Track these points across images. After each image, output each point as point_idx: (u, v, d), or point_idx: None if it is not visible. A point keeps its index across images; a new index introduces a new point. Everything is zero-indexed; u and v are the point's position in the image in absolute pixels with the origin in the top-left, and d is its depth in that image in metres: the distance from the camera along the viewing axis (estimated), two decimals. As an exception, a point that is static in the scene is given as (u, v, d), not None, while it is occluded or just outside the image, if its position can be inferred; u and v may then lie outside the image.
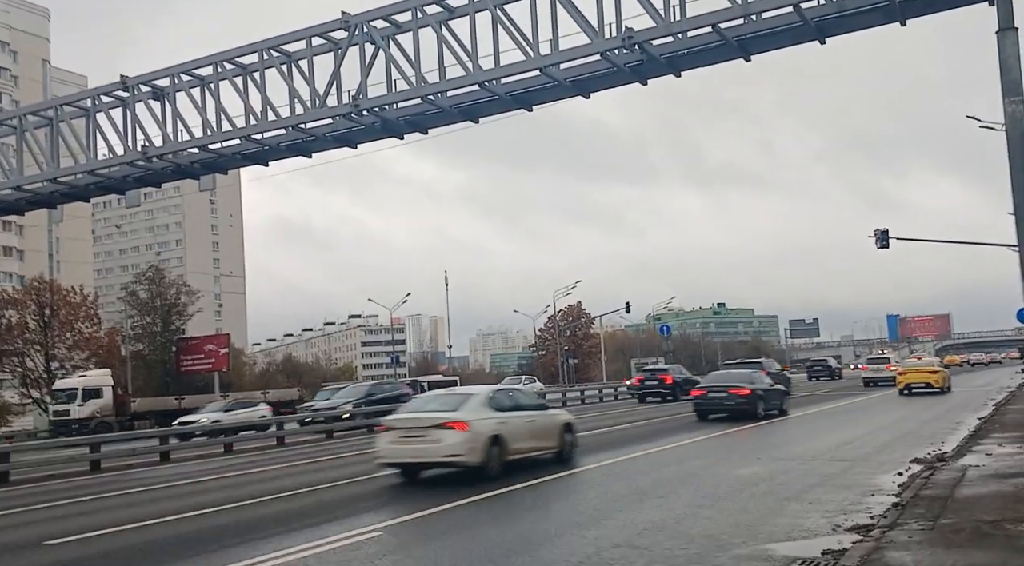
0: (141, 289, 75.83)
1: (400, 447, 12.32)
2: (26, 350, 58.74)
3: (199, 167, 21.10)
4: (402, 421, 12.80)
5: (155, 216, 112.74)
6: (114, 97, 20.17)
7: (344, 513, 10.40)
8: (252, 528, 9.81)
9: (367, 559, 7.67)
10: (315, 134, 19.55)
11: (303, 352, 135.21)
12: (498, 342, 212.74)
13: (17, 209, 24.01)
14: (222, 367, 63.00)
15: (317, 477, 14.68)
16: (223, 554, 8.19)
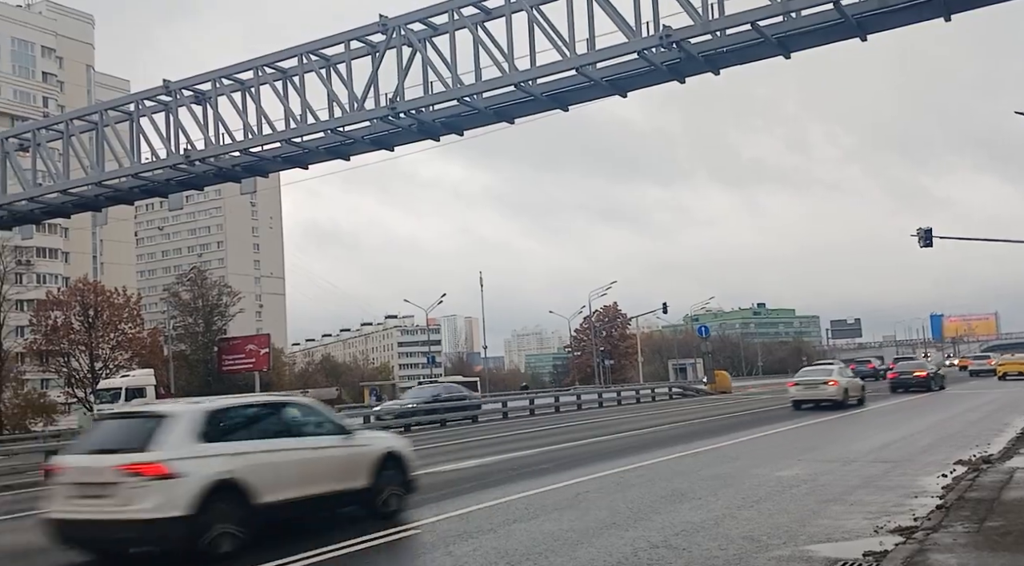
0: (183, 290, 77.17)
1: None
2: (71, 350, 60.11)
3: (240, 170, 21.43)
4: None
5: (196, 218, 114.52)
6: (157, 101, 20.58)
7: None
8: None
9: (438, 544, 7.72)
10: (353, 137, 19.75)
11: (341, 352, 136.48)
12: (533, 343, 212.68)
13: (64, 212, 24.59)
14: (263, 367, 63.86)
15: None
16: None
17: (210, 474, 7.75)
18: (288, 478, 8.44)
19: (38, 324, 61.24)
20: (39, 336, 60.62)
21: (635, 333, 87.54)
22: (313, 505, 8.78)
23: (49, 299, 63.51)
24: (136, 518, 7.44)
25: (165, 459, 7.59)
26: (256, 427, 8.82)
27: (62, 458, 8.93)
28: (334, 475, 9.00)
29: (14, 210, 23.24)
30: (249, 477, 7.99)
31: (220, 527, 7.68)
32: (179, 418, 8.14)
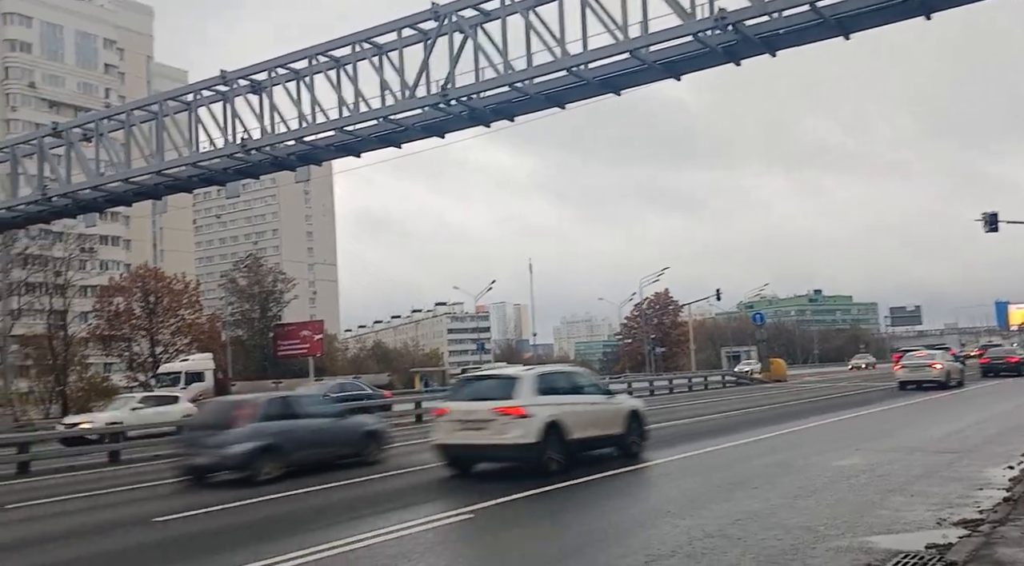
0: (240, 277, 78.73)
1: None
2: (133, 335, 61.82)
3: (295, 159, 21.71)
4: None
5: (252, 206, 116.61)
6: (214, 91, 20.94)
7: (432, 497, 10.63)
8: (351, 508, 10.13)
9: (459, 540, 7.80)
10: (404, 124, 19.85)
11: (392, 339, 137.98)
12: (583, 330, 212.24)
13: (125, 200, 25.22)
14: (316, 352, 64.85)
15: (413, 459, 15.02)
16: (321, 533, 8.46)
17: (545, 416, 11.51)
18: (583, 422, 12.15)
19: (101, 310, 63.08)
20: (102, 321, 62.44)
21: (687, 320, 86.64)
22: (594, 443, 12.58)
23: (112, 285, 65.41)
24: (505, 443, 11.40)
25: (522, 405, 11.51)
26: (563, 387, 12.68)
27: (446, 403, 12.77)
28: (605, 423, 12.74)
29: (79, 198, 23.90)
30: (565, 420, 11.72)
31: (550, 452, 11.46)
32: (525, 379, 12.09)
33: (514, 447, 11.34)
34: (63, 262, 59.69)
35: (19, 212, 24.70)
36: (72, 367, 58.45)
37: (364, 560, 7.17)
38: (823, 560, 6.46)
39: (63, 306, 58.86)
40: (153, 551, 8.47)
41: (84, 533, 9.78)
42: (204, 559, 7.86)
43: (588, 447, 12.39)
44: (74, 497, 13.38)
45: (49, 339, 57.53)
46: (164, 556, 8.15)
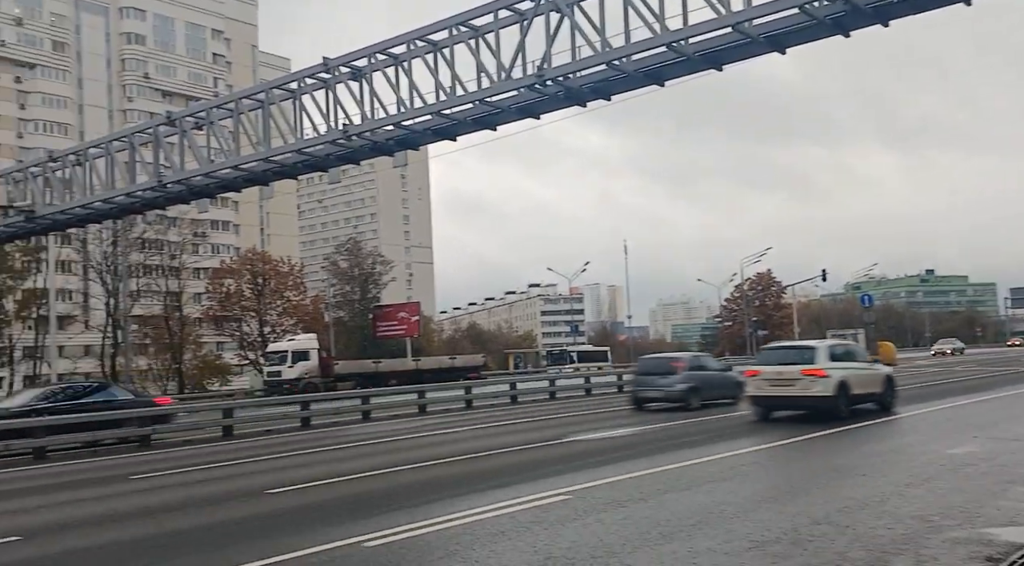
0: (341, 259, 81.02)
1: None
2: (243, 316, 64.52)
3: (393, 144, 22.08)
4: None
5: (352, 191, 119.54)
6: (317, 79, 21.49)
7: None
8: (458, 483, 10.34)
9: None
10: (500, 107, 19.90)
11: (486, 320, 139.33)
12: (680, 312, 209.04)
13: (235, 187, 26.23)
14: (413, 333, 66.19)
15: (509, 439, 15.21)
16: (434, 506, 8.66)
17: (837, 377, 15.54)
18: (858, 382, 16.17)
19: (213, 291, 66.11)
20: (214, 302, 65.44)
21: (791, 302, 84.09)
22: (863, 399, 16.34)
23: (223, 268, 68.39)
24: (810, 395, 15.64)
25: (823, 368, 15.68)
26: (842, 355, 16.79)
27: (757, 367, 17.09)
28: (870, 383, 16.70)
29: (191, 185, 24.98)
30: (849, 380, 15.77)
31: (842, 403, 15.54)
32: (821, 349, 16.45)
33: (816, 398, 15.48)
34: (178, 246, 62.83)
35: (137, 198, 26.00)
36: (187, 346, 61.59)
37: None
38: (938, 551, 6.20)
39: (178, 288, 62.00)
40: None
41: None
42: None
43: (860, 401, 16.17)
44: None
45: (166, 319, 60.74)
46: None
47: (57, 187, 26.52)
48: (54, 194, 26.70)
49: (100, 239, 55.85)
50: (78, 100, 79.80)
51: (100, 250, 57.05)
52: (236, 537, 7.85)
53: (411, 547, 7.03)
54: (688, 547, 6.60)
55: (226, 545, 7.50)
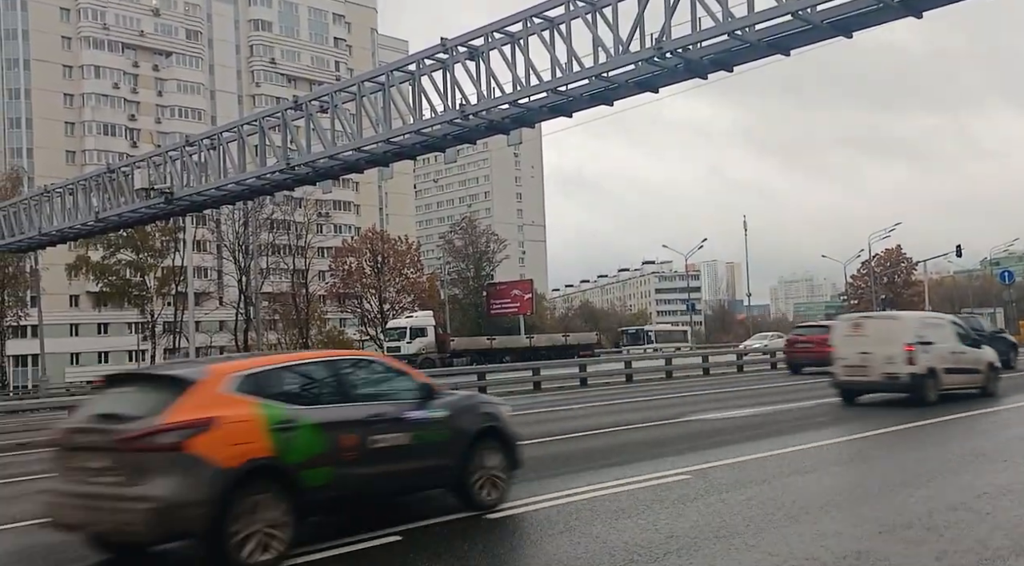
0: (456, 238, 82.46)
1: None
2: (364, 293, 66.82)
3: (509, 122, 22.15)
4: None
5: (466, 170, 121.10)
6: (435, 60, 21.78)
7: (650, 454, 10.67)
8: (576, 459, 10.44)
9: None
10: (617, 82, 19.63)
11: (598, 298, 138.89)
12: (803, 290, 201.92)
13: (357, 168, 26.96)
14: (527, 311, 66.75)
15: (625, 417, 15.18)
16: (553, 481, 8.78)
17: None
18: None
19: (336, 269, 68.69)
20: (337, 280, 68.02)
21: (922, 279, 79.70)
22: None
23: (344, 247, 70.90)
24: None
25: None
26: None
27: None
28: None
29: (317, 167, 25.89)
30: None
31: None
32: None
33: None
34: (303, 226, 65.56)
35: (267, 180, 27.15)
36: (313, 322, 64.37)
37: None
38: (1092, 543, 5.83)
39: (304, 266, 64.79)
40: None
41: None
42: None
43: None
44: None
45: (293, 296, 63.66)
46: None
47: (193, 170, 28.05)
48: (191, 177, 28.26)
49: (233, 220, 58.92)
50: (210, 86, 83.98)
51: (233, 230, 60.22)
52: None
53: (531, 520, 7.16)
54: (815, 530, 6.45)
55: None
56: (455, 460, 7.18)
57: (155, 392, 6.24)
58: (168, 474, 5.65)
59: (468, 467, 7.25)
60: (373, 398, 7.06)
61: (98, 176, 31.15)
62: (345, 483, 6.44)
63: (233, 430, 5.95)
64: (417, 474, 7.08)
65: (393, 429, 6.82)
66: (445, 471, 7.21)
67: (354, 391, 6.99)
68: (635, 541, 6.20)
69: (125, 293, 60.78)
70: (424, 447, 7.00)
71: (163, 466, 5.68)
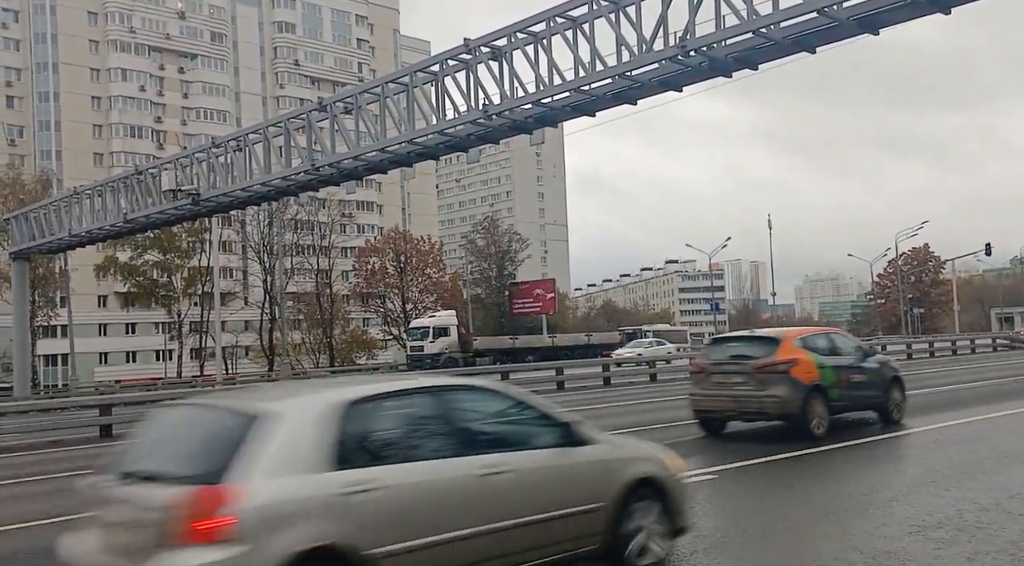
0: (478, 238, 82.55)
1: None
2: (386, 293, 67.11)
3: (532, 121, 22.18)
4: None
5: (488, 170, 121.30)
6: (458, 60, 21.87)
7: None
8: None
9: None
10: (640, 81, 19.60)
11: (621, 297, 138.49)
12: (828, 289, 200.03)
13: (381, 169, 27.11)
14: (549, 310, 66.69)
15: (644, 418, 15.12)
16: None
17: None
18: None
19: (359, 269, 69.05)
20: (360, 279, 68.36)
21: (950, 278, 78.67)
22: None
23: (368, 247, 71.24)
24: None
25: None
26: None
27: None
28: None
29: (341, 167, 26.07)
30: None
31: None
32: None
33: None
34: (327, 226, 65.98)
35: (292, 181, 27.37)
36: (337, 321, 64.73)
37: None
38: None
39: (328, 266, 65.19)
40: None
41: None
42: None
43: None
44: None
45: (317, 296, 64.04)
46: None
47: (219, 171, 28.35)
48: (216, 178, 28.56)
49: (258, 220, 59.42)
50: (234, 88, 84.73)
51: (258, 231, 60.73)
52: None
53: None
54: (841, 529, 6.43)
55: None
56: (882, 392, 12.42)
57: (760, 345, 11.95)
58: (781, 385, 11.11)
59: (888, 395, 12.53)
60: (851, 354, 12.48)
61: (126, 178, 31.56)
62: (843, 399, 11.72)
63: (804, 366, 11.32)
64: (865, 399, 12.31)
65: (859, 370, 12.21)
66: (875, 399, 12.39)
67: (845, 348, 12.59)
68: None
69: (152, 293, 61.52)
70: (871, 383, 12.30)
71: (778, 381, 11.13)
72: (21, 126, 74.23)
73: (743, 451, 10.40)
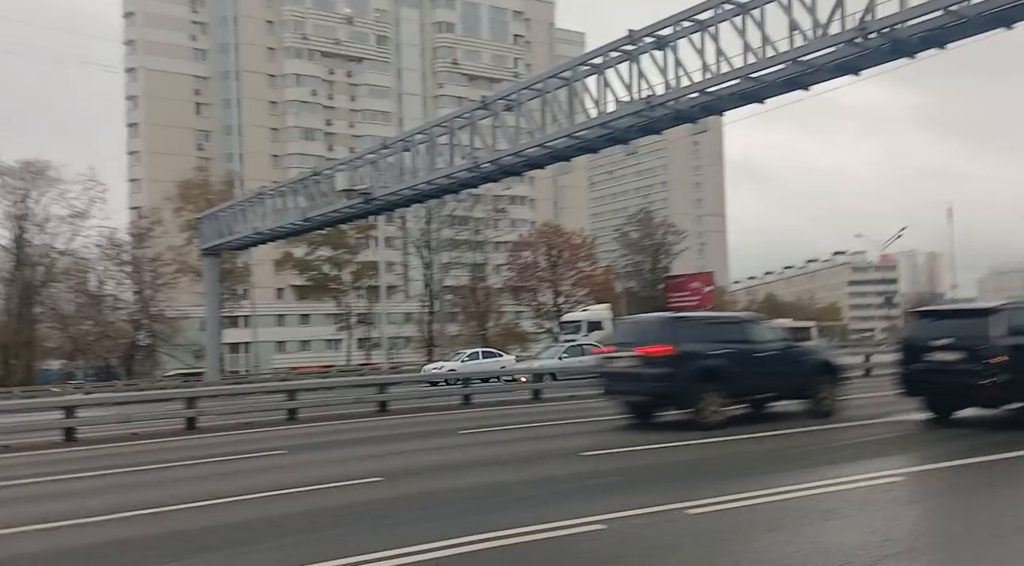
0: (632, 230, 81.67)
1: None
2: (538, 286, 67.73)
3: (697, 110, 21.76)
4: None
5: (642, 161, 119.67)
6: (621, 51, 21.73)
7: (855, 455, 10.12)
8: (774, 459, 10.11)
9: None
10: (814, 65, 18.77)
11: (784, 291, 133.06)
12: (1016, 281, 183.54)
13: (540, 164, 27.40)
14: (707, 304, 64.86)
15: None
16: (751, 480, 8.55)
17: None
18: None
19: (512, 263, 70.10)
20: (513, 273, 69.38)
21: None
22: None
23: (520, 241, 72.17)
24: None
25: None
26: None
27: None
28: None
29: (502, 164, 26.57)
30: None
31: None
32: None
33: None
34: (482, 221, 67.46)
35: (455, 179, 28.18)
36: (491, 314, 66.13)
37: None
38: None
39: (482, 260, 66.67)
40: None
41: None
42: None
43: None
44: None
45: (472, 290, 65.68)
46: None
47: (388, 171, 29.61)
48: (383, 177, 29.82)
49: (417, 217, 61.61)
50: (397, 89, 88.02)
51: (417, 227, 62.98)
52: (562, 494, 8.29)
53: (735, 518, 6.98)
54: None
55: (554, 501, 7.95)
56: None
57: None
58: None
59: None
60: None
61: (304, 179, 33.56)
62: None
63: None
64: None
65: None
66: None
67: None
68: (847, 543, 5.90)
69: (324, 286, 65.11)
70: None
71: None
72: (208, 131, 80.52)
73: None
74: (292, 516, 7.73)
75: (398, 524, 7.15)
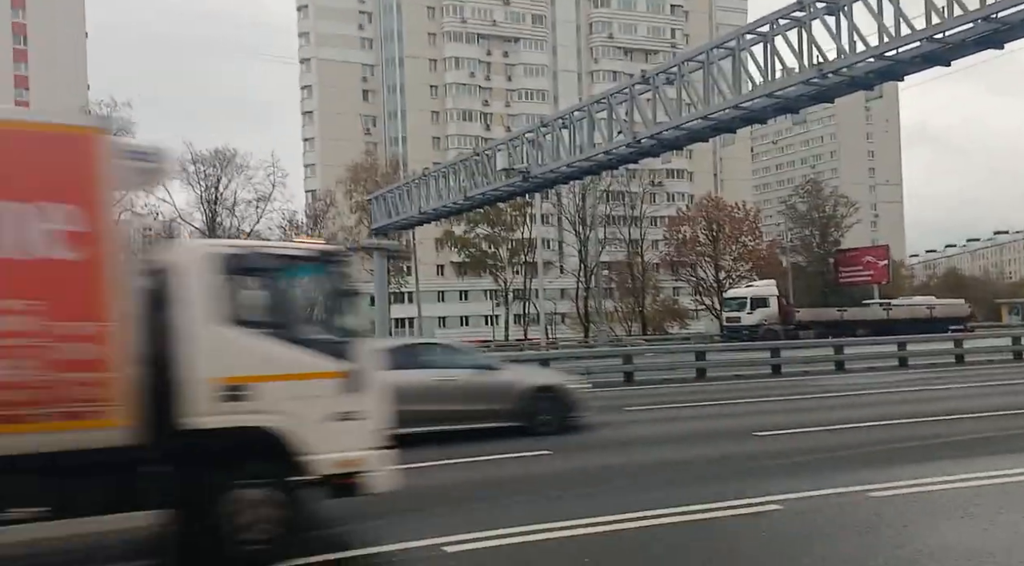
0: (799, 202, 78.26)
1: None
2: (698, 261, 66.31)
3: (874, 76, 20.47)
4: None
5: (809, 129, 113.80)
6: (791, 18, 20.76)
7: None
8: (957, 444, 9.62)
9: None
10: (1010, 22, 17.23)
11: (968, 265, 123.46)
12: None
13: (703, 137, 26.66)
14: (881, 280, 61.56)
15: (1002, 401, 13.54)
16: (929, 465, 8.22)
17: None
18: None
19: (670, 238, 68.98)
20: (671, 249, 68.29)
21: None
22: None
23: (678, 216, 70.90)
24: None
25: None
26: None
27: None
28: None
29: (662, 138, 26.10)
30: None
31: None
32: None
33: None
34: (638, 196, 66.76)
35: (613, 155, 28.01)
36: (648, 290, 65.51)
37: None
38: None
39: (639, 236, 66.03)
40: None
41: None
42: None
43: None
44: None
45: (629, 265, 65.25)
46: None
47: (547, 149, 29.86)
48: (542, 155, 30.10)
49: (572, 193, 61.79)
50: (552, 67, 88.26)
51: (573, 203, 63.18)
52: (743, 472, 8.28)
53: (916, 502, 6.87)
54: None
55: (737, 478, 7.94)
56: None
57: None
58: None
59: None
60: None
61: (465, 160, 34.49)
62: None
63: None
64: None
65: None
66: None
67: None
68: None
69: (482, 263, 66.75)
70: None
71: None
72: (374, 116, 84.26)
73: None
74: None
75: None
